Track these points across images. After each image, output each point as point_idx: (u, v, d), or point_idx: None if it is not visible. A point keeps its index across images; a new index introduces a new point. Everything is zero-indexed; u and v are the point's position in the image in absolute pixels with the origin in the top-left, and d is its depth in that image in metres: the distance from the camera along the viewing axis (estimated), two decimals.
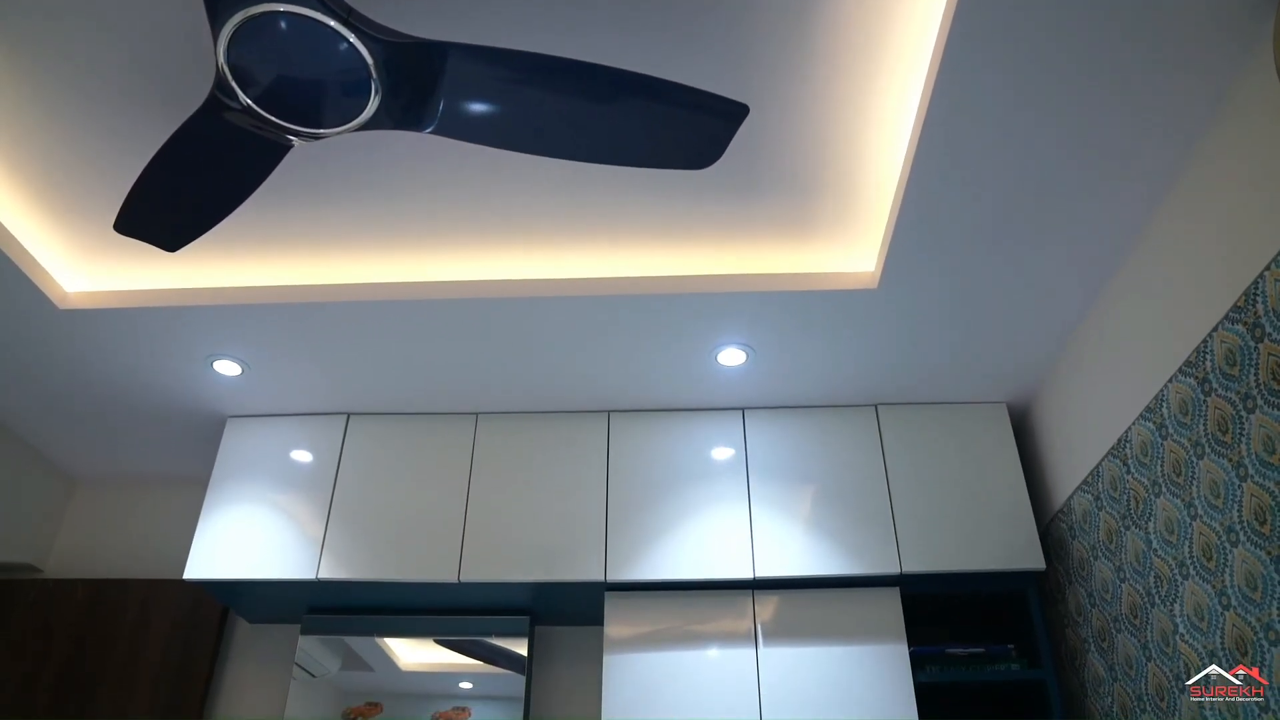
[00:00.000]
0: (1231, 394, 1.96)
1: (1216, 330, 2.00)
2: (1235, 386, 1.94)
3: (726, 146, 1.70)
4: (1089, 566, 2.65)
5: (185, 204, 1.89)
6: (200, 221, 1.93)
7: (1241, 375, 1.92)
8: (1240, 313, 1.92)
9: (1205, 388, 2.05)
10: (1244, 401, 1.91)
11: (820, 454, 2.98)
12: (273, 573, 2.84)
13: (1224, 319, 1.97)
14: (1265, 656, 1.86)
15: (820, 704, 2.63)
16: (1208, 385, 2.04)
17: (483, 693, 2.93)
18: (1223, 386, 1.99)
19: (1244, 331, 1.91)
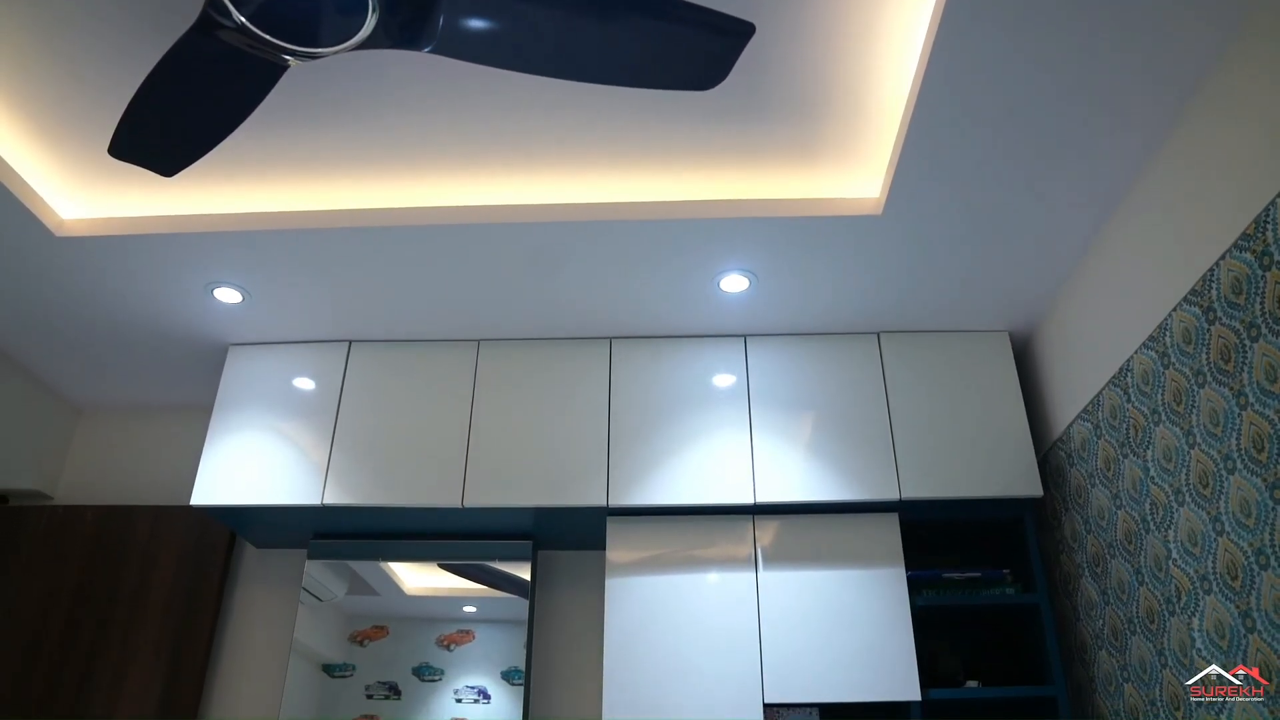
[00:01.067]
0: (1236, 323, 1.95)
1: (1224, 258, 1.99)
2: (1240, 315, 1.94)
3: (731, 67, 1.66)
4: (1086, 494, 2.68)
5: (180, 127, 1.85)
6: (196, 145, 1.90)
7: (1247, 304, 1.91)
8: (1249, 240, 1.90)
9: (1209, 316, 2.05)
10: (1248, 330, 1.91)
11: (822, 381, 2.99)
12: (278, 498, 2.87)
13: (1232, 247, 1.95)
14: (1255, 580, 1.90)
15: (819, 627, 2.68)
16: (1212, 314, 2.04)
17: (486, 616, 2.99)
18: (1227, 315, 1.98)
19: (1252, 260, 1.89)
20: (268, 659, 3.11)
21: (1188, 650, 2.15)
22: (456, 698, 2.87)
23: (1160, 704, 2.28)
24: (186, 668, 3.02)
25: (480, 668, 2.90)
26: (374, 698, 2.87)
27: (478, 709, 2.85)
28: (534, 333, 3.07)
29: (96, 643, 3.07)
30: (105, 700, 2.98)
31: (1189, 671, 2.14)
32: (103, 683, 3.01)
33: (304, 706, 2.86)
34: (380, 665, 2.92)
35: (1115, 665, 2.52)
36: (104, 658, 3.04)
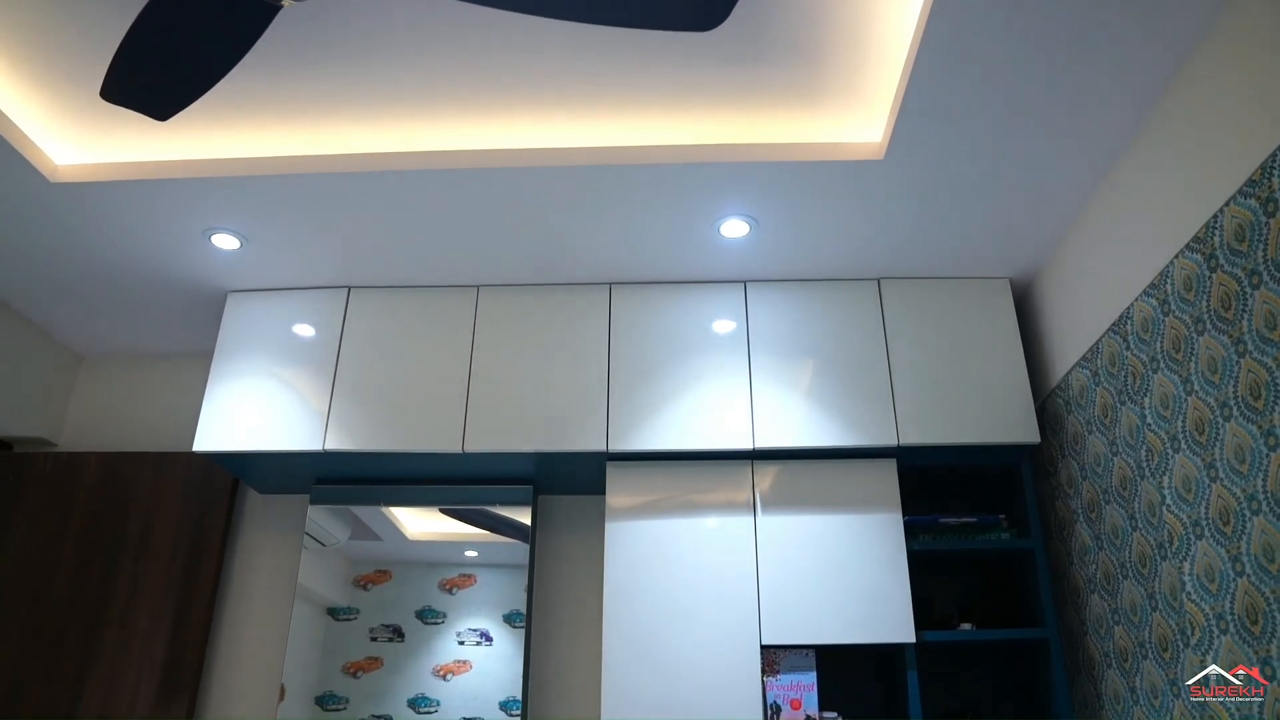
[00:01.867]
0: (1238, 270, 1.94)
1: (1228, 205, 1.97)
2: (1242, 262, 1.93)
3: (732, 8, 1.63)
4: (1082, 441, 2.70)
5: (173, 70, 1.83)
6: (190, 88, 1.87)
7: (1250, 251, 1.90)
8: (1255, 187, 1.88)
9: (1211, 264, 2.04)
10: (1249, 278, 1.90)
11: (821, 327, 2.99)
12: (279, 445, 2.89)
13: (1237, 193, 1.94)
14: (1246, 526, 1.92)
15: (816, 570, 2.72)
16: (1214, 261, 2.03)
17: (488, 561, 3.03)
18: (1229, 262, 1.97)
19: (1257, 206, 1.88)
20: (272, 601, 3.17)
21: (1177, 593, 2.18)
22: (459, 640, 2.92)
23: (1149, 645, 2.32)
24: (194, 609, 3.07)
25: (482, 611, 2.95)
26: (378, 640, 2.93)
27: (480, 651, 2.90)
28: (534, 278, 3.06)
29: (105, 585, 3.12)
30: (116, 640, 3.04)
31: (1178, 614, 2.18)
32: (113, 622, 3.06)
33: (309, 648, 2.92)
34: (383, 608, 2.97)
35: (1106, 608, 2.56)
36: (113, 599, 3.10)
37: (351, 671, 2.89)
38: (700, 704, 2.58)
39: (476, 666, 2.88)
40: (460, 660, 2.89)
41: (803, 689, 2.62)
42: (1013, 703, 2.91)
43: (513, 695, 2.84)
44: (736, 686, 2.60)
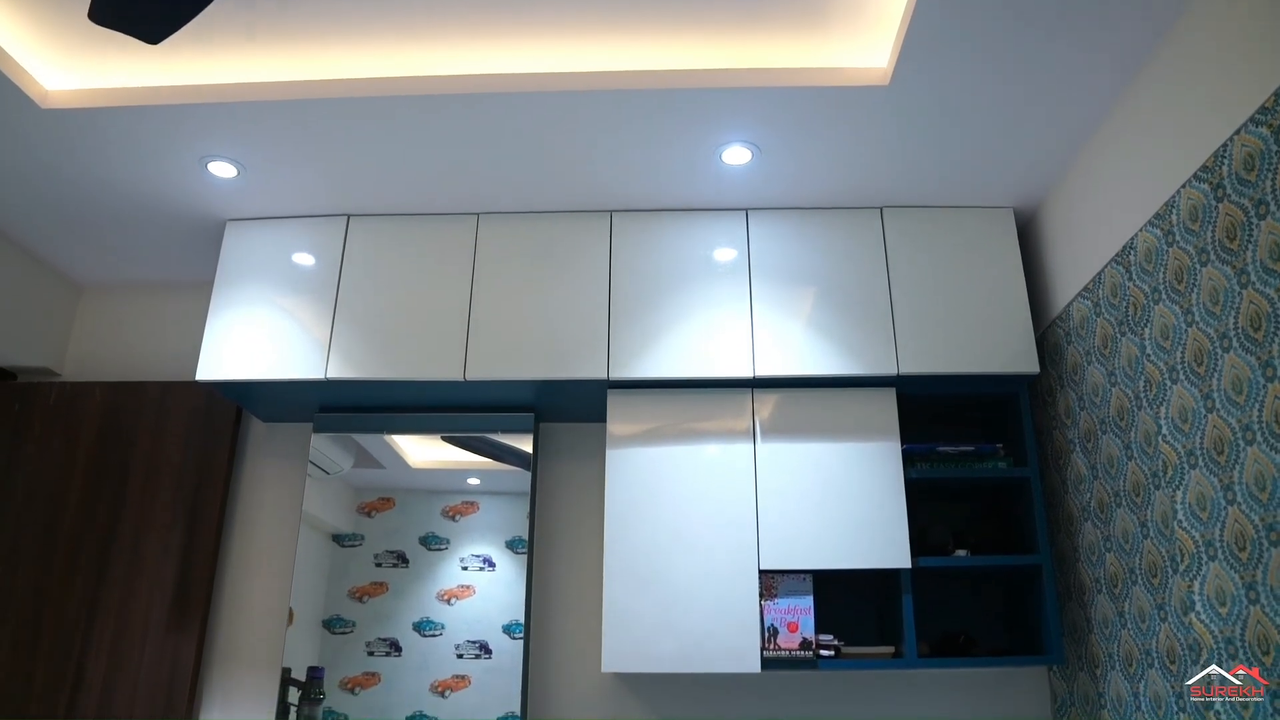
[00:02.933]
0: (1245, 200, 1.92)
1: (1239, 134, 1.94)
2: (1249, 192, 1.91)
3: None
4: (1081, 371, 2.71)
5: None
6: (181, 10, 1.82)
7: (1258, 180, 1.88)
8: (1266, 115, 1.85)
9: (1219, 193, 2.02)
10: (1256, 208, 1.88)
11: (823, 256, 2.97)
12: (282, 373, 2.91)
13: (1248, 121, 1.91)
14: (1240, 455, 1.94)
15: (814, 497, 2.76)
16: (1221, 191, 2.01)
17: (490, 489, 3.07)
18: (1237, 192, 1.95)
19: (1268, 135, 1.85)
20: (278, 528, 3.22)
21: (1169, 521, 2.21)
22: (462, 565, 2.98)
23: (1139, 571, 2.37)
24: (201, 535, 3.13)
25: (485, 537, 3.00)
26: (383, 565, 2.99)
27: (483, 576, 2.97)
28: (534, 205, 3.03)
29: (114, 512, 3.17)
30: (127, 565, 3.10)
31: (1168, 541, 2.22)
32: (124, 548, 3.12)
33: (316, 573, 2.98)
34: (388, 535, 3.02)
35: (1099, 536, 2.60)
36: (123, 526, 3.15)
37: (358, 596, 2.96)
38: (699, 627, 2.64)
39: (480, 591, 2.95)
40: (464, 585, 2.96)
41: (800, 612, 2.68)
42: (1004, 627, 2.98)
43: (515, 619, 2.91)
44: (735, 610, 2.66)
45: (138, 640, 3.02)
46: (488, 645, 2.89)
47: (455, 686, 2.86)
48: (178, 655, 3.00)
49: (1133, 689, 2.41)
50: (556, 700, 2.99)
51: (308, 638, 2.92)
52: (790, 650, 2.64)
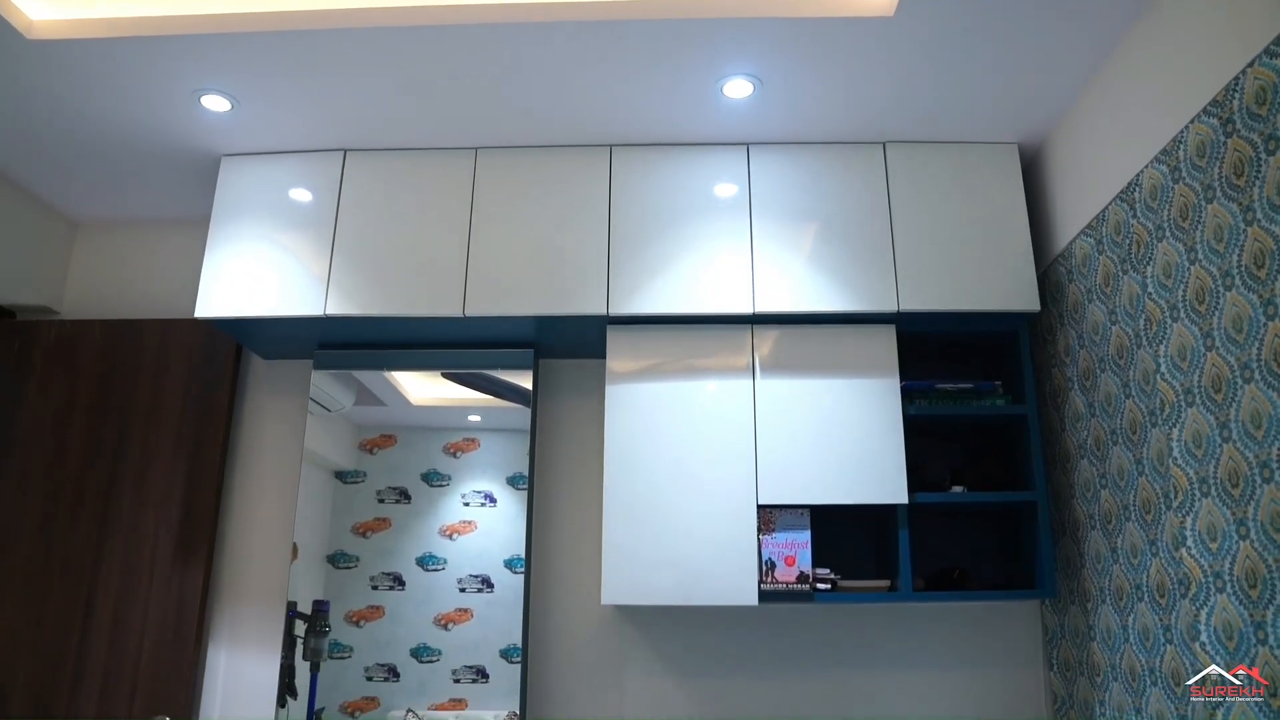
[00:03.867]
0: (1254, 135, 1.89)
1: (1251, 67, 1.90)
2: (1260, 127, 1.88)
3: None
4: (1082, 309, 2.70)
5: None
6: None
7: (1269, 115, 1.85)
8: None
9: (1228, 129, 1.98)
10: (1265, 143, 1.86)
11: (824, 191, 2.94)
12: (281, 310, 2.90)
13: (1262, 53, 1.86)
14: (1237, 393, 1.94)
15: (813, 433, 2.78)
16: (1231, 126, 1.97)
17: (490, 425, 3.09)
18: (1246, 127, 1.92)
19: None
20: (281, 465, 3.25)
21: (1164, 459, 2.23)
22: (464, 501, 3.01)
23: (1132, 507, 2.40)
24: (204, 472, 3.16)
25: (486, 474, 3.03)
26: (385, 501, 3.03)
27: (484, 512, 3.00)
28: (533, 140, 2.99)
29: (118, 449, 3.19)
30: (132, 502, 3.14)
31: (1163, 478, 2.23)
32: (128, 485, 3.16)
33: (319, 509, 3.02)
34: (390, 472, 3.05)
35: (1095, 473, 2.62)
36: (126, 463, 3.18)
37: (361, 532, 3.00)
38: (698, 561, 2.68)
39: (481, 526, 2.99)
40: (465, 521, 3.00)
41: (797, 547, 2.72)
42: (998, 562, 3.03)
43: (516, 554, 2.95)
44: (733, 544, 2.70)
45: (145, 574, 3.07)
46: (489, 579, 2.94)
47: (458, 619, 2.91)
48: (185, 589, 3.05)
49: (1122, 621, 2.46)
50: (557, 632, 3.05)
51: (312, 572, 2.97)
52: (787, 584, 2.68)
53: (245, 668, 3.09)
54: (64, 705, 2.96)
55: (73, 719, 2.95)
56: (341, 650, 2.90)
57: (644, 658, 3.02)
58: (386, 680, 2.87)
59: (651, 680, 3.00)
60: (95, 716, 2.95)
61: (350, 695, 2.86)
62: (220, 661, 3.11)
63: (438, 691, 2.86)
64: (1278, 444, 1.82)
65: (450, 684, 2.86)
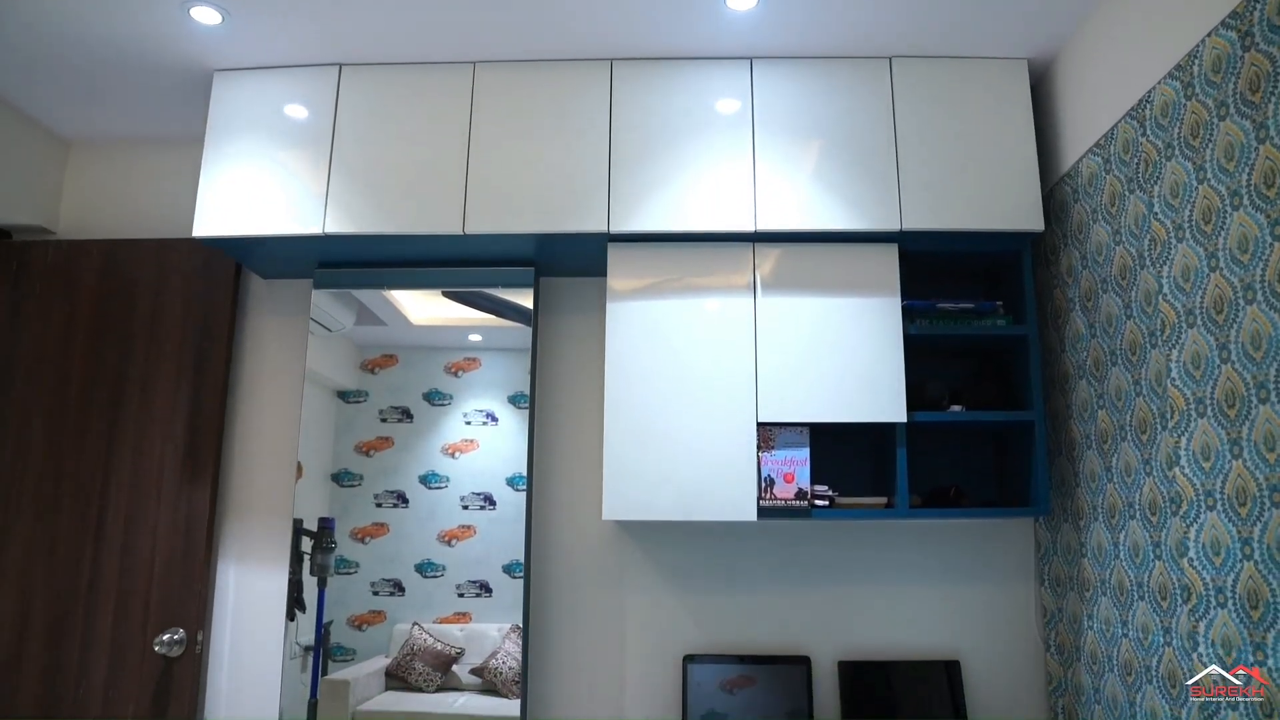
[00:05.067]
0: (1274, 48, 1.85)
1: None
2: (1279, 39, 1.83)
3: None
4: (1086, 229, 2.68)
5: None
6: None
7: None
8: None
9: (1246, 42, 1.94)
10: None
11: (828, 107, 2.89)
12: (279, 229, 2.88)
13: None
14: (1238, 314, 1.94)
15: (813, 352, 2.78)
16: (1249, 39, 1.92)
17: (491, 345, 3.10)
18: (1265, 40, 1.87)
19: None
20: (283, 385, 3.27)
21: (1162, 379, 2.24)
22: (466, 420, 3.04)
23: (1128, 428, 2.42)
24: (208, 391, 3.18)
25: (488, 393, 3.05)
26: (387, 420, 3.05)
27: (486, 430, 3.03)
28: (532, 54, 2.92)
29: (120, 370, 3.20)
30: (137, 422, 3.16)
31: (1160, 399, 2.25)
32: (132, 405, 3.17)
33: (322, 427, 3.05)
34: (392, 391, 3.07)
35: (1093, 393, 2.64)
36: (130, 384, 3.19)
37: (364, 450, 3.04)
38: (698, 477, 2.72)
39: (483, 445, 3.02)
40: (467, 439, 3.03)
41: (796, 464, 2.75)
42: (994, 481, 3.07)
43: (518, 471, 2.99)
44: (733, 461, 2.73)
45: (153, 492, 3.12)
46: (492, 497, 2.98)
47: (461, 536, 2.97)
48: (193, 506, 3.10)
49: (1113, 539, 2.51)
50: (558, 548, 3.11)
51: (317, 490, 3.01)
52: (786, 500, 2.72)
53: (254, 582, 3.16)
54: (81, 619, 3.04)
55: (90, 632, 3.03)
56: (347, 566, 2.96)
57: (643, 572, 3.09)
58: (392, 595, 2.94)
59: (651, 594, 3.07)
60: (112, 629, 3.03)
61: (357, 609, 2.94)
62: (230, 577, 3.18)
63: (442, 605, 2.93)
64: (1275, 365, 1.83)
65: (454, 598, 2.93)
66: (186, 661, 3.00)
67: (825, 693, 2.97)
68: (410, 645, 2.91)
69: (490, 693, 2.87)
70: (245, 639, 3.13)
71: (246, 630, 3.13)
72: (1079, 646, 2.73)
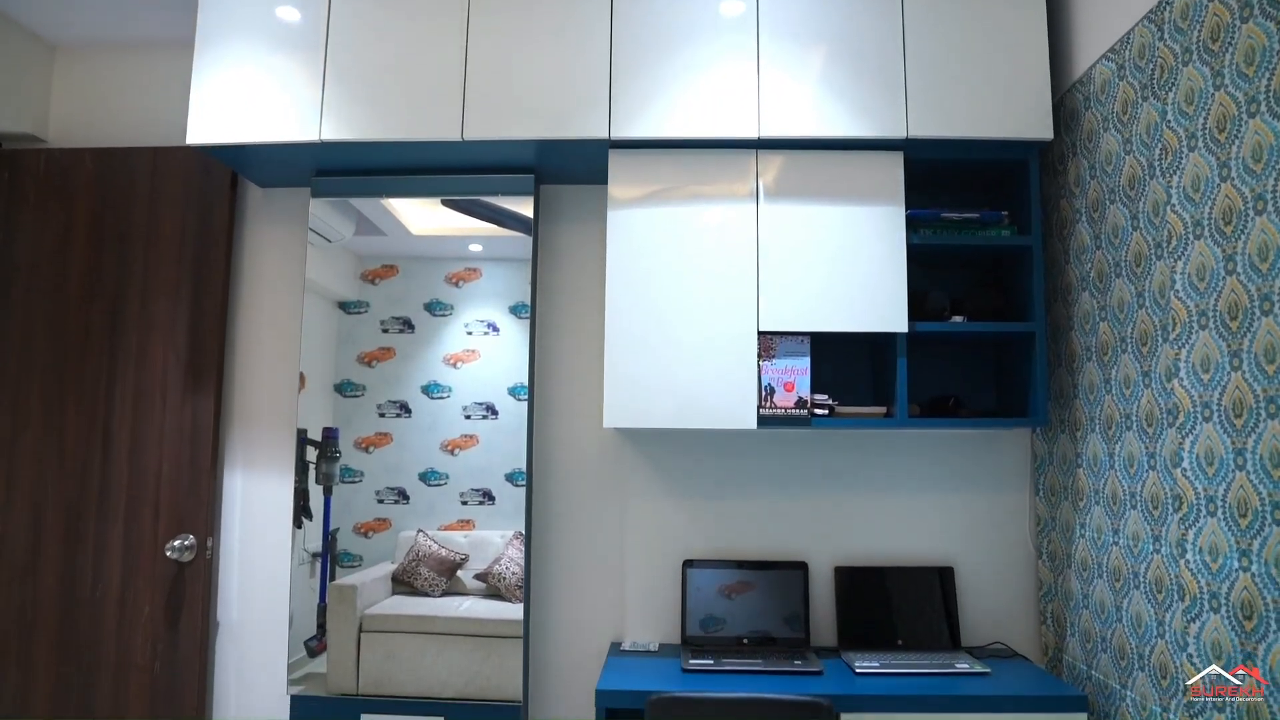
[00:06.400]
0: None
1: None
2: None
3: None
4: (1096, 138, 2.63)
5: None
6: None
7: None
8: None
9: None
10: None
11: (834, 11, 2.80)
12: (274, 136, 2.82)
13: None
14: (1247, 225, 1.92)
15: (815, 261, 2.77)
16: None
17: (492, 255, 3.08)
18: None
19: None
20: (284, 296, 3.26)
21: (1166, 292, 2.23)
22: (467, 330, 3.04)
23: (1129, 340, 2.42)
24: (208, 301, 3.17)
25: (489, 303, 3.04)
26: (389, 331, 3.05)
27: (487, 340, 3.03)
28: None
29: (119, 280, 3.19)
30: (139, 332, 3.17)
31: (1163, 311, 2.24)
32: (133, 315, 3.17)
33: (324, 338, 3.05)
34: (392, 302, 3.06)
35: (1095, 305, 2.63)
36: (130, 293, 3.19)
37: (366, 361, 3.05)
38: (698, 385, 2.74)
39: (484, 355, 3.03)
40: (469, 350, 3.03)
41: (796, 373, 2.77)
42: (994, 392, 3.09)
43: (519, 381, 3.01)
44: (734, 369, 2.74)
45: (158, 401, 3.14)
46: (494, 406, 3.01)
47: (464, 445, 3.00)
48: (198, 415, 3.13)
49: (1109, 449, 2.53)
50: (560, 456, 3.15)
51: (320, 401, 3.04)
52: (785, 409, 2.75)
53: (261, 491, 3.21)
54: (94, 526, 3.10)
55: (103, 537, 3.10)
56: (352, 475, 3.01)
57: (644, 479, 3.14)
58: (397, 503, 2.99)
59: (651, 500, 3.13)
60: (124, 534, 3.09)
61: (362, 517, 2.99)
62: (237, 485, 3.23)
63: (446, 513, 2.99)
64: None
65: (458, 506, 2.98)
66: (197, 566, 3.07)
67: (821, 597, 3.05)
68: (415, 551, 2.98)
69: (494, 597, 2.95)
70: (254, 545, 3.20)
71: (255, 537, 3.20)
72: (1070, 554, 2.79)
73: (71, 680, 3.05)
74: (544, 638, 3.10)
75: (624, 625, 3.10)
